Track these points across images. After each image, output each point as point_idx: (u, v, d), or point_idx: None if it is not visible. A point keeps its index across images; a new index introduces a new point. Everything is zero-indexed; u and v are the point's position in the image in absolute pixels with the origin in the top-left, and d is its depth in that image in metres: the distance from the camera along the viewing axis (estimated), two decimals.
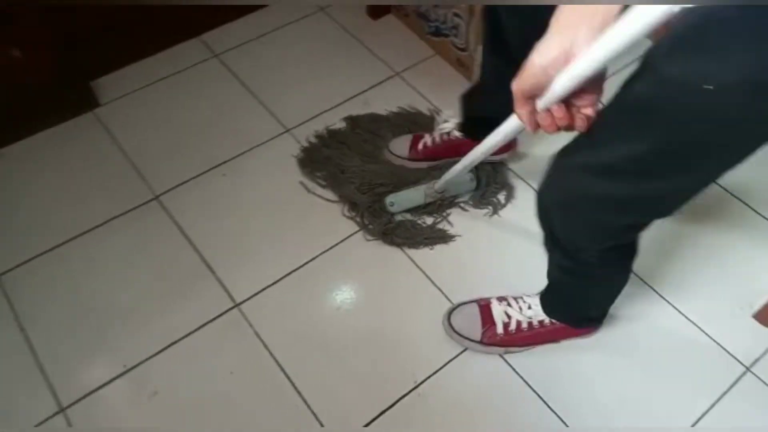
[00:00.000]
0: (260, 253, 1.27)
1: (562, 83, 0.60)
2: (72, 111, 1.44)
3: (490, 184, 1.36)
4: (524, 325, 1.10)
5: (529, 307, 1.10)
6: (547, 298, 1.10)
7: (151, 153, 1.42)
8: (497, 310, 1.12)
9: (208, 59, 1.61)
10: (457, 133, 1.33)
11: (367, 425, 1.07)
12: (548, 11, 0.58)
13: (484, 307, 1.14)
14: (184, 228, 1.30)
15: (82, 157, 1.40)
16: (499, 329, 1.10)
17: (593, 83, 0.61)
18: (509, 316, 1.10)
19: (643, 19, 0.51)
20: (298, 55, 1.63)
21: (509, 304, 1.12)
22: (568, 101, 0.63)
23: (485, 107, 1.15)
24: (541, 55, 0.59)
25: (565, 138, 0.72)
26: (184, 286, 1.22)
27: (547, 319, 1.10)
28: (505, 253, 1.29)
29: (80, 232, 1.28)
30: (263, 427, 1.07)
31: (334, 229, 1.31)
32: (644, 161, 0.64)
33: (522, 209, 1.35)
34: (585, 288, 1.01)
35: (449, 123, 1.35)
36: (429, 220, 1.32)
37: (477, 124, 1.18)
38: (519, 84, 0.63)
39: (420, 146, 1.36)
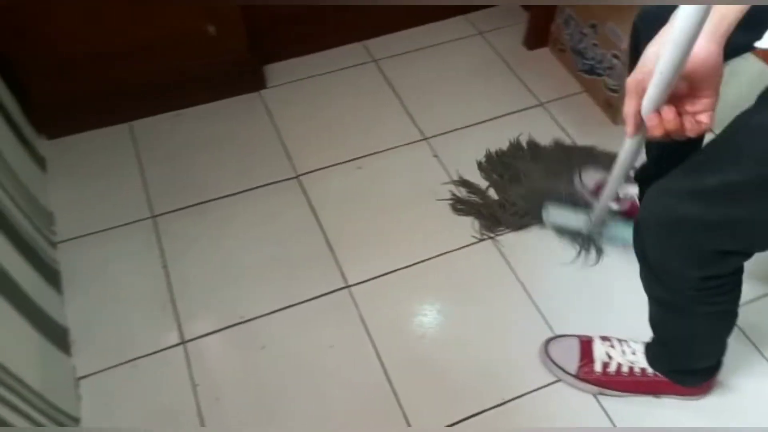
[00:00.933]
0: (378, 244, 1.35)
1: (658, 73, 0.59)
2: (243, 88, 1.63)
3: None
4: (625, 369, 1.07)
5: (633, 353, 1.08)
6: (650, 347, 1.07)
7: (300, 137, 1.55)
8: (599, 349, 1.10)
9: (367, 63, 1.74)
10: (638, 202, 1.30)
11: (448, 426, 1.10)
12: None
13: (585, 343, 1.13)
14: (315, 208, 1.41)
15: (242, 129, 1.57)
16: (598, 367, 1.09)
17: (706, 86, 0.60)
18: (610, 357, 1.08)
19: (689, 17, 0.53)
20: (448, 71, 1.71)
21: (612, 345, 1.10)
22: (680, 107, 0.63)
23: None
24: (654, 44, 0.61)
25: None
26: (304, 260, 1.33)
27: (649, 369, 1.06)
28: (619, 292, 1.26)
29: (229, 193, 1.43)
30: (350, 404, 1.13)
31: (452, 237, 1.36)
32: (738, 188, 0.67)
33: None
34: (685, 329, 0.97)
35: (635, 190, 1.31)
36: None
37: None
38: (633, 74, 0.63)
39: None
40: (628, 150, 0.89)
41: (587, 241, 1.32)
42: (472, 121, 1.59)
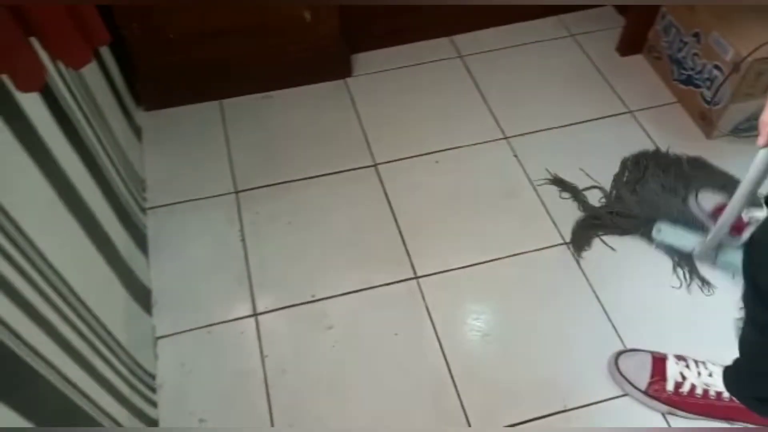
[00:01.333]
0: (450, 238, 1.35)
1: None
2: (331, 75, 1.66)
3: None
4: (699, 390, 1.03)
5: (710, 375, 1.03)
6: (732, 372, 1.02)
7: (381, 126, 1.58)
8: (672, 368, 1.07)
9: (453, 58, 1.74)
10: None
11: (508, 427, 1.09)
12: None
13: (658, 360, 1.09)
14: (391, 198, 1.43)
15: (326, 115, 1.60)
16: (670, 386, 1.05)
17: None
18: (684, 377, 1.05)
19: None
20: (536, 72, 1.69)
21: (687, 366, 1.06)
22: None
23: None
24: None
25: None
26: (376, 246, 1.35)
27: (726, 393, 1.02)
28: (695, 311, 1.22)
29: (309, 176, 1.47)
30: (410, 394, 1.14)
31: (526, 238, 1.35)
32: None
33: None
34: None
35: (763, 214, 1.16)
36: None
37: None
38: None
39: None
40: (758, 163, 0.80)
41: (694, 267, 1.26)
42: (556, 123, 1.57)
